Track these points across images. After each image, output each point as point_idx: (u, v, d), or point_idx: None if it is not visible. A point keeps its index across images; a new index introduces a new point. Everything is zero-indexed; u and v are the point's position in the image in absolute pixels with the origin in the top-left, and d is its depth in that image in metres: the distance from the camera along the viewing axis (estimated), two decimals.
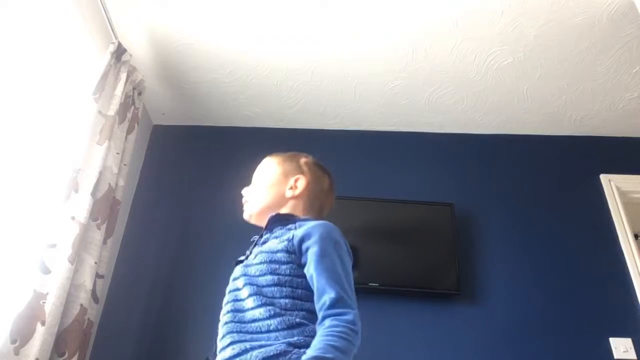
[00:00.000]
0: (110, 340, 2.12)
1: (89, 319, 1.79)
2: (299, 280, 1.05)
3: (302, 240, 1.08)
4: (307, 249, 1.06)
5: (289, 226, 1.15)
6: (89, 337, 1.82)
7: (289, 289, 1.04)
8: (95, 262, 1.83)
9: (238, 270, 1.13)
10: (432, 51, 2.21)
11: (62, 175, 1.78)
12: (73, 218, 1.72)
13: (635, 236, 2.39)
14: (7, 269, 1.57)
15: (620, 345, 2.03)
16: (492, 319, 2.14)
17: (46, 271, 1.59)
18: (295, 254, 1.07)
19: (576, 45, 2.14)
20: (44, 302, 1.56)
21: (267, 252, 1.09)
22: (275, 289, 1.04)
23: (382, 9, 2.03)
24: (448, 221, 2.29)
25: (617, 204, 2.38)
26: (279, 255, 1.07)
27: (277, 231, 1.16)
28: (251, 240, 1.23)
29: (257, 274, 1.07)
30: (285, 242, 1.08)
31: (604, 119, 2.53)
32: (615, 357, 2.01)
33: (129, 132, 2.20)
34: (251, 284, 1.06)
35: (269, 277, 1.05)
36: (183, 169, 2.62)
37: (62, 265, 1.63)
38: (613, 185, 2.44)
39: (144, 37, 2.23)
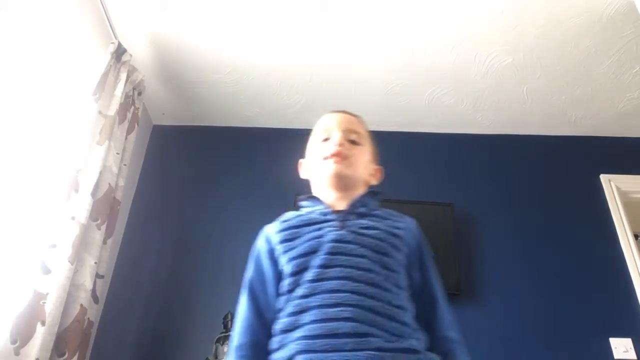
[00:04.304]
0: (110, 340, 2.12)
1: (89, 319, 1.79)
2: (406, 277, 0.93)
3: (420, 242, 1.00)
4: (423, 255, 0.99)
5: (391, 212, 1.03)
6: (89, 337, 1.82)
7: (405, 282, 0.92)
8: (95, 262, 1.83)
9: (337, 233, 0.92)
10: (432, 51, 2.21)
11: (62, 175, 1.78)
12: (73, 218, 1.73)
13: (635, 236, 2.39)
14: (7, 269, 1.56)
15: (620, 345, 2.03)
16: (492, 319, 2.13)
17: (46, 271, 1.59)
18: (409, 249, 0.96)
19: (576, 45, 2.14)
20: (44, 302, 1.56)
21: (387, 230, 0.95)
22: (398, 276, 0.91)
23: (382, 10, 2.03)
24: (448, 221, 2.29)
25: (617, 204, 2.38)
26: (397, 241, 0.94)
27: (377, 211, 1.02)
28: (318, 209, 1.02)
29: (381, 250, 0.91)
30: (404, 232, 0.97)
31: (604, 119, 2.53)
32: (615, 357, 2.01)
33: (129, 132, 2.20)
34: (375, 261, 0.89)
35: (391, 260, 0.91)
36: (183, 169, 2.62)
37: (62, 265, 1.63)
38: (613, 185, 2.44)
39: (144, 37, 2.23)
